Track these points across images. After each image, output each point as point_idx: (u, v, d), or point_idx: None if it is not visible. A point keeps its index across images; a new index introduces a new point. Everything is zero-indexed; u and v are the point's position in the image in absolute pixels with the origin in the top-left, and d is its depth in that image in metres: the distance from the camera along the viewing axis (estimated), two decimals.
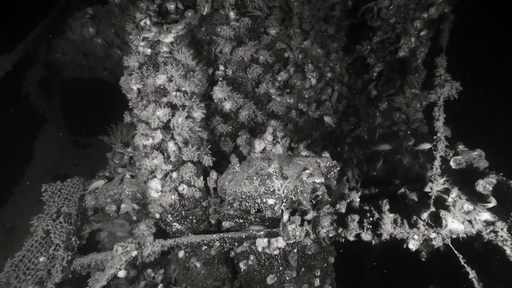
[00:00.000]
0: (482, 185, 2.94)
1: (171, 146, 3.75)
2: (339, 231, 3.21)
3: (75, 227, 4.17)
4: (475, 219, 2.83)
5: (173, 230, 4.16)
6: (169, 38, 3.85)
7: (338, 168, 3.96)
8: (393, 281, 4.48)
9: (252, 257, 4.10)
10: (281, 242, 3.69)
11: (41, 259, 3.76)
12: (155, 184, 3.83)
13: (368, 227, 3.09)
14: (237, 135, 4.63)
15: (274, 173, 3.65)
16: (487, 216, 2.81)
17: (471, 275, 2.58)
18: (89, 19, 5.22)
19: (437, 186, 2.92)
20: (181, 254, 4.25)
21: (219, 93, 4.28)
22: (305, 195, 3.68)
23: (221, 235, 3.84)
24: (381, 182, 4.43)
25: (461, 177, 3.41)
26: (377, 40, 4.85)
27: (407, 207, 3.22)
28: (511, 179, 3.09)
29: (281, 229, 3.51)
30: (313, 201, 3.85)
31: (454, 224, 2.74)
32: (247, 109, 4.49)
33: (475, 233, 2.80)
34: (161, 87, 3.80)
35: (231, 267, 4.53)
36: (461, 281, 2.84)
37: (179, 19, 4.24)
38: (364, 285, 5.26)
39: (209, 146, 4.15)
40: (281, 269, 4.08)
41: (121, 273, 3.76)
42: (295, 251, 4.02)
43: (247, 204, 3.73)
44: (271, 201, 3.61)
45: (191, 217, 4.03)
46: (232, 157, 4.02)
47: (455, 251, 2.64)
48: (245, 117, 4.49)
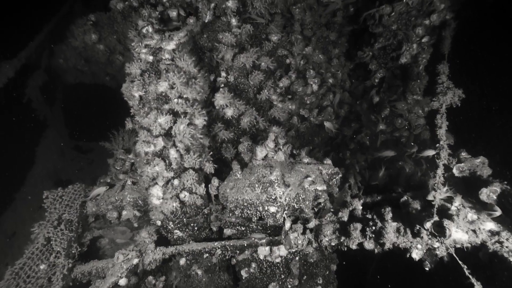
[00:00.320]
0: (485, 194, 2.91)
1: (173, 153, 3.75)
2: (342, 240, 3.18)
3: (76, 234, 4.16)
4: (480, 229, 2.80)
5: (175, 237, 4.14)
6: (171, 45, 3.86)
7: (340, 175, 3.94)
8: None
9: (253, 265, 4.07)
10: (283, 250, 3.67)
11: (42, 267, 3.75)
12: (156, 191, 3.82)
13: (370, 236, 3.07)
14: (239, 141, 4.63)
15: (276, 181, 3.63)
16: (491, 226, 2.79)
17: (476, 287, 2.54)
18: (92, 26, 5.25)
19: (440, 194, 2.89)
20: (183, 261, 4.22)
21: (220, 99, 4.28)
22: (307, 202, 3.66)
23: (223, 243, 3.82)
24: (383, 189, 4.41)
25: (464, 185, 3.38)
26: (378, 46, 4.86)
27: (410, 215, 3.20)
28: None
29: (283, 237, 3.49)
30: (315, 209, 3.83)
31: (458, 234, 2.71)
32: (249, 115, 4.49)
33: (480, 243, 2.77)
34: (163, 94, 3.80)
35: (233, 274, 4.50)
36: None
37: (181, 26, 4.26)
38: None
39: (211, 153, 4.15)
40: (283, 277, 4.05)
41: (122, 281, 3.73)
42: (297, 259, 3.99)
43: (249, 211, 3.71)
44: (273, 209, 3.60)
45: (192, 225, 4.02)
46: (233, 164, 4.00)
47: (460, 262, 2.61)
48: (247, 123, 4.49)
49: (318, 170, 3.88)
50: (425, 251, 2.89)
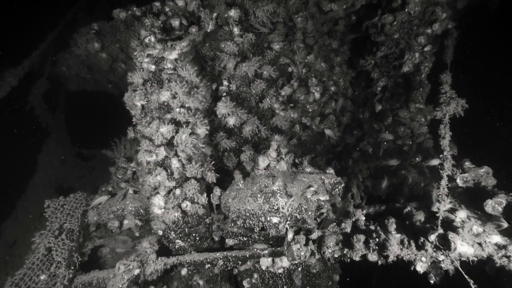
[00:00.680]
0: (491, 205, 2.88)
1: (175, 162, 3.73)
2: (345, 252, 3.14)
3: (77, 244, 4.14)
4: (485, 242, 2.76)
5: (176, 247, 4.10)
6: (173, 55, 3.87)
7: (342, 185, 3.91)
8: None
9: (256, 275, 4.03)
10: (285, 262, 3.63)
11: (42, 277, 3.72)
12: (158, 200, 3.80)
13: (374, 247, 3.03)
14: (241, 150, 4.61)
15: (278, 191, 3.61)
16: (498, 239, 2.74)
17: None
18: (95, 35, 5.27)
19: (444, 206, 2.86)
20: (184, 271, 4.18)
21: (222, 108, 4.27)
22: (310, 213, 3.63)
23: (225, 253, 3.78)
24: (386, 198, 4.37)
25: (468, 195, 3.35)
26: (381, 55, 4.85)
27: (414, 227, 3.16)
28: None
29: (286, 248, 3.45)
30: (318, 219, 3.80)
31: (463, 247, 2.67)
32: (251, 124, 4.48)
33: (486, 256, 2.73)
34: (165, 103, 3.80)
35: (235, 285, 4.45)
36: None
37: (184, 36, 4.27)
38: None
39: (213, 162, 4.13)
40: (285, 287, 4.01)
41: None
42: (300, 269, 3.95)
43: (251, 222, 3.68)
44: (275, 219, 3.57)
45: (194, 234, 3.99)
46: (235, 173, 3.99)
47: (465, 276, 2.57)
48: (249, 132, 4.47)
49: (320, 179, 3.85)
50: (429, 263, 2.85)
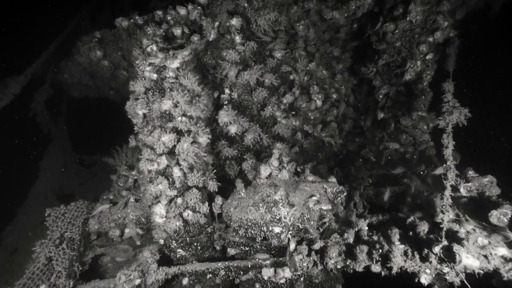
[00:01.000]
0: (496, 216, 2.84)
1: (176, 171, 3.72)
2: (348, 263, 3.11)
3: (78, 253, 4.11)
4: (491, 254, 2.72)
5: (178, 256, 4.08)
6: (175, 63, 3.88)
7: (345, 193, 3.88)
8: None
9: (257, 285, 3.98)
10: (287, 272, 3.59)
11: (42, 287, 3.69)
12: (159, 209, 3.78)
13: (377, 259, 2.99)
14: (243, 158, 4.60)
15: (280, 201, 3.58)
16: (504, 251, 2.70)
17: None
18: (97, 43, 5.30)
19: (448, 217, 2.83)
20: (185, 281, 4.14)
21: (224, 117, 4.27)
22: (312, 222, 3.60)
23: (226, 263, 3.75)
24: (389, 207, 4.33)
25: (472, 205, 3.31)
26: (382, 63, 4.85)
27: (418, 237, 3.12)
28: None
29: (288, 258, 3.42)
30: (320, 229, 3.77)
31: (468, 260, 2.63)
32: (253, 132, 4.47)
33: (493, 269, 2.69)
34: (167, 112, 3.80)
35: None
36: None
37: (185, 44, 4.29)
38: None
39: (214, 170, 4.11)
40: None
41: None
42: (302, 279, 3.91)
43: (253, 231, 3.65)
44: (277, 229, 3.54)
45: (195, 244, 3.96)
46: (237, 182, 3.96)
47: None
48: (251, 140, 4.46)
49: (322, 188, 3.83)
50: (434, 276, 2.81)
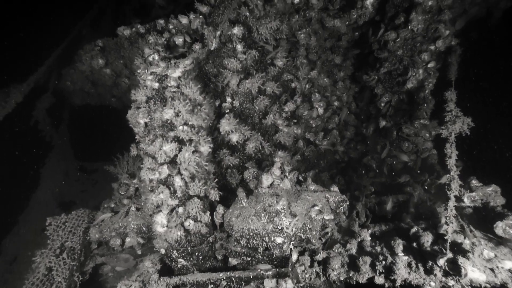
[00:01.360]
0: (501, 228, 2.80)
1: (178, 181, 3.70)
2: (351, 274, 3.07)
3: (78, 263, 4.08)
4: (498, 267, 2.67)
5: (179, 266, 4.04)
6: (176, 72, 3.88)
7: (347, 203, 3.86)
8: None
9: None
10: (290, 283, 3.55)
11: None
12: (160, 218, 3.76)
13: (381, 270, 2.96)
14: (244, 167, 4.58)
15: (282, 210, 3.56)
16: (511, 265, 2.66)
17: None
18: (99, 51, 5.33)
19: (452, 228, 2.80)
20: None
21: (226, 125, 4.26)
22: (314, 233, 3.57)
23: (228, 274, 3.71)
24: (392, 216, 4.30)
25: (477, 216, 3.28)
26: (384, 71, 4.85)
27: (421, 249, 3.09)
28: None
29: (290, 269, 3.38)
30: (322, 239, 3.74)
31: (474, 273, 2.59)
32: (254, 141, 4.46)
33: (500, 283, 2.64)
34: (168, 121, 3.80)
35: None
36: None
37: (187, 53, 4.29)
38: None
39: (216, 179, 4.09)
40: None
41: None
42: None
43: (255, 242, 3.62)
44: (279, 239, 3.51)
45: (197, 254, 3.93)
46: (239, 191, 3.94)
47: None
48: (252, 149, 4.45)
49: (325, 198, 3.80)
50: None
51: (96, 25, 6.68)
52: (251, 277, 3.66)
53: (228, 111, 4.51)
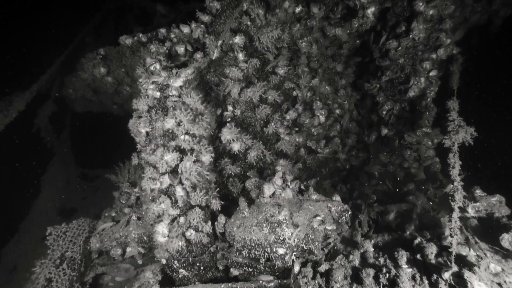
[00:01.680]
0: (507, 240, 2.77)
1: (179, 190, 3.69)
2: (354, 287, 3.03)
3: (78, 273, 4.05)
4: (505, 282, 2.63)
5: (180, 276, 4.00)
6: (178, 82, 3.88)
7: (349, 212, 3.83)
8: None
9: None
10: None
11: None
12: (162, 228, 3.74)
13: (385, 283, 2.92)
14: (246, 175, 4.56)
15: (284, 221, 3.53)
16: None
17: None
18: (101, 60, 5.35)
19: (457, 240, 2.76)
20: None
21: (227, 134, 4.25)
22: (317, 243, 3.53)
23: (230, 285, 3.67)
24: (395, 226, 4.26)
25: (481, 227, 3.24)
26: (386, 79, 4.84)
27: (426, 260, 3.05)
28: None
29: (292, 281, 3.34)
30: (325, 249, 3.70)
31: None
32: (256, 149, 4.44)
33: None
34: (170, 131, 3.79)
35: None
36: None
37: (189, 62, 4.30)
38: None
39: (217, 189, 4.07)
40: None
41: None
42: None
43: (257, 252, 3.59)
44: (281, 250, 3.47)
45: (198, 264, 3.89)
46: (240, 201, 3.92)
47: None
48: (254, 158, 4.43)
49: (327, 207, 3.77)
50: None
51: (99, 33, 6.72)
52: None
53: (229, 119, 4.50)
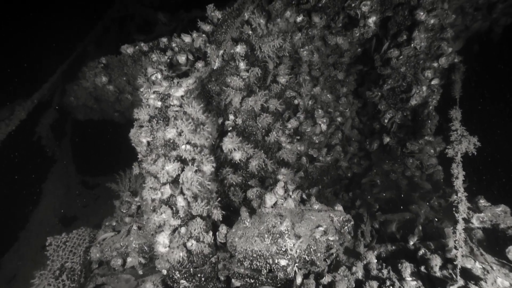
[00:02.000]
0: None
1: (180, 200, 3.66)
2: None
3: (78, 284, 4.01)
4: None
5: (181, 287, 3.96)
6: (179, 92, 3.88)
7: (352, 222, 3.79)
8: None
9: None
10: None
11: None
12: (162, 238, 3.70)
13: None
14: (247, 184, 4.53)
15: (286, 232, 3.49)
16: None
17: None
18: (103, 68, 5.36)
19: (462, 253, 2.72)
20: None
21: (229, 144, 4.23)
22: (319, 254, 3.49)
23: None
24: (397, 235, 4.21)
25: (487, 238, 3.20)
26: (387, 87, 4.83)
27: (430, 273, 3.00)
28: None
29: None
30: (327, 260, 3.66)
31: None
32: (257, 158, 4.42)
33: None
34: (171, 141, 3.78)
35: None
36: None
37: (190, 71, 4.31)
38: None
39: (219, 198, 4.05)
40: None
41: None
42: None
43: (258, 263, 3.54)
44: (283, 262, 3.43)
45: (199, 275, 3.85)
46: (242, 210, 3.89)
47: None
48: (255, 167, 4.41)
49: (329, 217, 3.74)
50: None
51: (101, 42, 6.76)
52: None
53: (230, 129, 4.49)
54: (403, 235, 4.19)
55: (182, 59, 4.35)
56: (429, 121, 4.71)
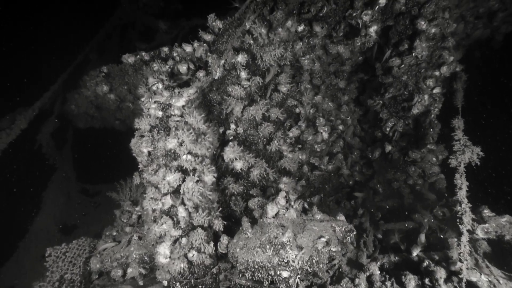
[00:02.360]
0: None
1: (181, 211, 3.63)
2: None
3: None
4: None
5: None
6: (180, 102, 3.87)
7: (354, 232, 3.75)
8: None
9: None
10: None
11: None
12: (163, 249, 3.67)
13: None
14: (249, 194, 4.51)
15: (288, 243, 3.45)
16: None
17: None
18: (104, 77, 5.37)
19: (467, 266, 2.68)
20: None
21: (230, 153, 4.21)
22: (321, 265, 3.45)
23: None
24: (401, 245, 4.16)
25: (492, 249, 3.16)
26: (389, 96, 4.82)
27: (434, 285, 2.96)
28: None
29: None
30: (330, 271, 3.62)
31: None
32: (259, 167, 4.40)
33: None
34: (172, 151, 3.76)
35: None
36: None
37: (191, 80, 4.31)
38: None
39: (220, 208, 4.02)
40: None
41: None
42: None
43: (260, 275, 3.50)
44: (285, 273, 3.38)
45: (200, 286, 3.80)
46: (243, 221, 3.85)
47: None
48: (257, 176, 4.38)
49: (331, 227, 3.70)
50: None
51: (102, 50, 6.78)
52: None
53: (232, 138, 4.48)
54: (406, 245, 4.14)
55: (183, 68, 4.35)
56: (431, 130, 4.69)
